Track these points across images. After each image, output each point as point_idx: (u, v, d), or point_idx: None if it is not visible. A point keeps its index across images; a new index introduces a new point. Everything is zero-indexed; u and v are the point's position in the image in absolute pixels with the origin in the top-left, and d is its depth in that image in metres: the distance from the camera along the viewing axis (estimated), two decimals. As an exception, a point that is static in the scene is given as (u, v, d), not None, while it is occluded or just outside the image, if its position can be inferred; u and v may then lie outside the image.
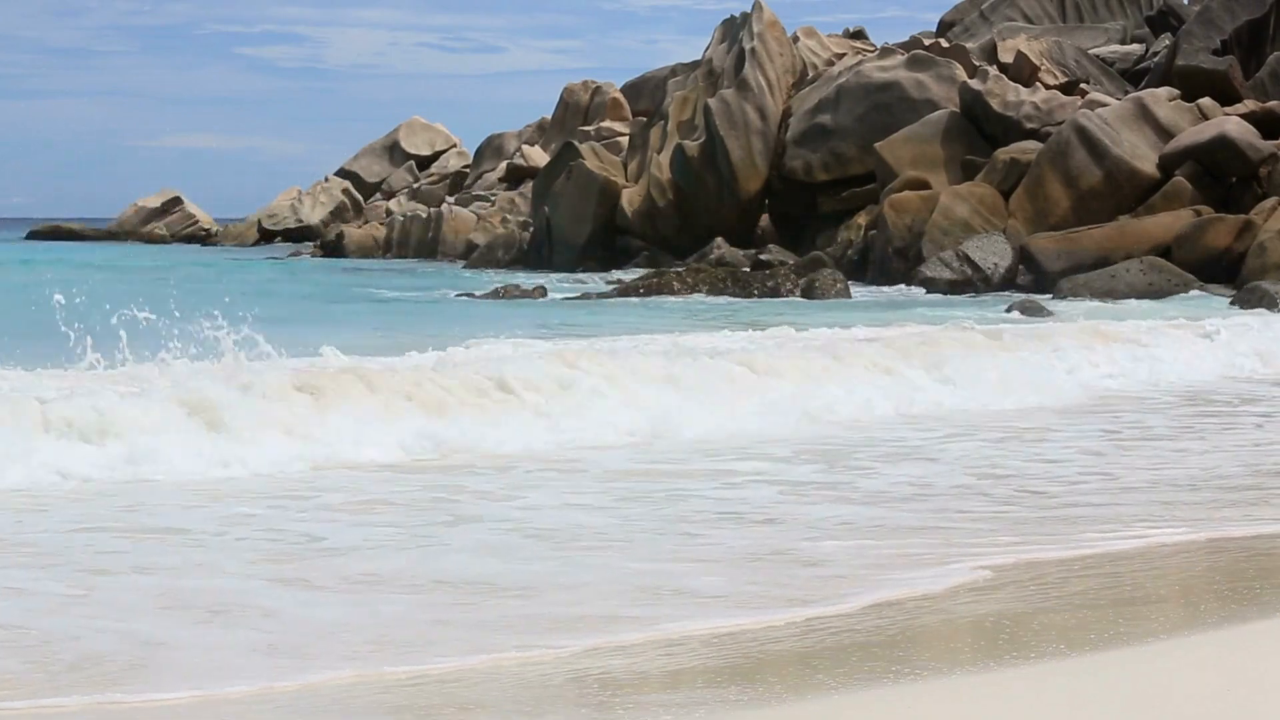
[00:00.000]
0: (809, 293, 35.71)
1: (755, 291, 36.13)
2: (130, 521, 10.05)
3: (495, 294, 36.59)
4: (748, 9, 48.60)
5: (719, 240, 43.89)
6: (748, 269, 39.78)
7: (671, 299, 35.46)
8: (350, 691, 6.58)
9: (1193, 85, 40.91)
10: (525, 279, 40.82)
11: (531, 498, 11.04)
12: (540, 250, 49.20)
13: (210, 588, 8.15)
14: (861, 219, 42.67)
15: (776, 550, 9.18)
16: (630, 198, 47.14)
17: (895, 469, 12.38)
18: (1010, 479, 11.90)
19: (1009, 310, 30.73)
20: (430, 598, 8.03)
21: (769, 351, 18.01)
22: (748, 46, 47.32)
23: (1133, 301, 33.33)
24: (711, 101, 46.37)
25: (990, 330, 21.64)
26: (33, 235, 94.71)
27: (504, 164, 68.24)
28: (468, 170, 75.22)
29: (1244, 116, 39.13)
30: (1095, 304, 32.72)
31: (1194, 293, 34.53)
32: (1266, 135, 38.59)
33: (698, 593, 8.13)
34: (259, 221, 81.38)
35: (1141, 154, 38.41)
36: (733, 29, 49.14)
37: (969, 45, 47.89)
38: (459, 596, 8.06)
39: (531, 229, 51.63)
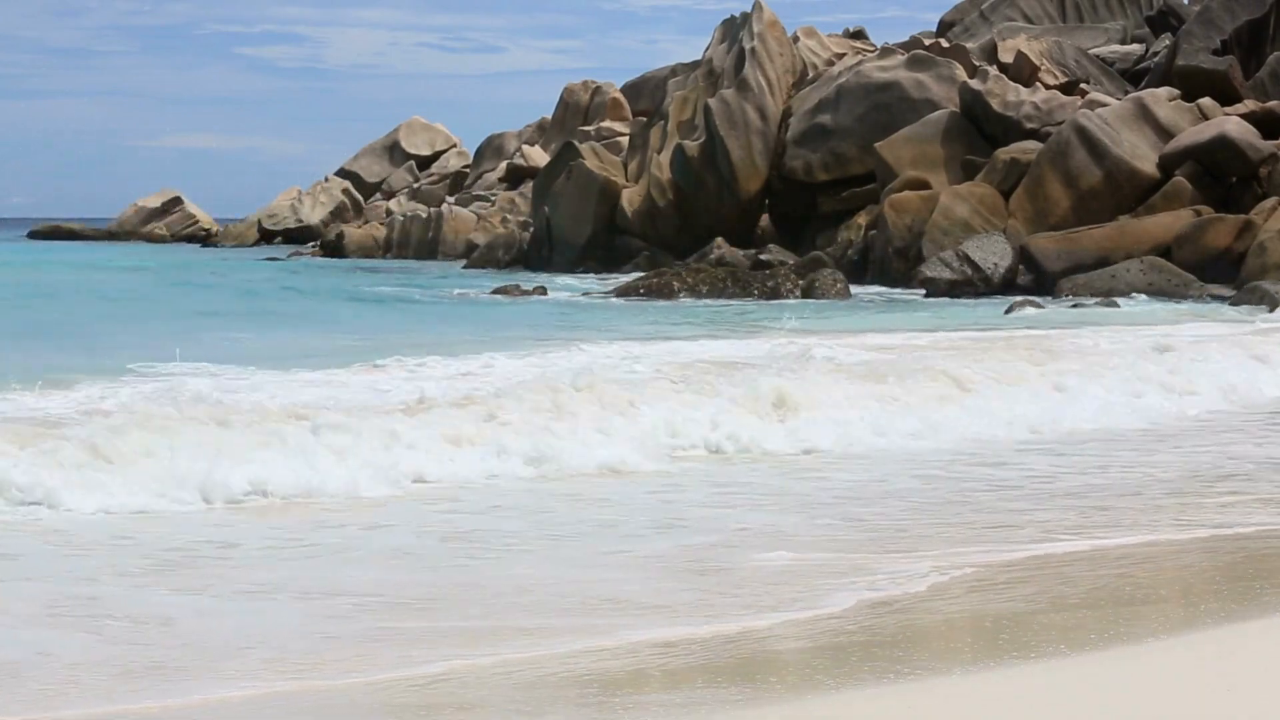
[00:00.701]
0: (809, 293, 35.68)
1: (755, 292, 36.06)
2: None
3: (494, 294, 36.58)
4: (748, 9, 48.52)
5: (719, 240, 43.79)
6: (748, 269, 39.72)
7: (671, 299, 35.42)
8: (351, 692, 6.57)
9: (1193, 85, 40.83)
10: (525, 279, 40.78)
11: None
12: (540, 250, 49.14)
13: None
14: (861, 219, 42.59)
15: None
16: (630, 198, 47.07)
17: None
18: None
19: (1009, 311, 30.67)
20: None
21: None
22: (748, 46, 47.24)
23: (1128, 303, 33.27)
24: (711, 101, 46.31)
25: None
26: (33, 235, 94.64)
27: (504, 164, 68.15)
28: (468, 170, 75.12)
29: (1244, 116, 39.05)
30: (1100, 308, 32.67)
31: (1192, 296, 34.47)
32: (1266, 135, 38.52)
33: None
34: (259, 221, 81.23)
35: (1141, 154, 38.35)
36: (733, 29, 49.05)
37: (969, 45, 47.80)
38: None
39: (531, 229, 51.56)
